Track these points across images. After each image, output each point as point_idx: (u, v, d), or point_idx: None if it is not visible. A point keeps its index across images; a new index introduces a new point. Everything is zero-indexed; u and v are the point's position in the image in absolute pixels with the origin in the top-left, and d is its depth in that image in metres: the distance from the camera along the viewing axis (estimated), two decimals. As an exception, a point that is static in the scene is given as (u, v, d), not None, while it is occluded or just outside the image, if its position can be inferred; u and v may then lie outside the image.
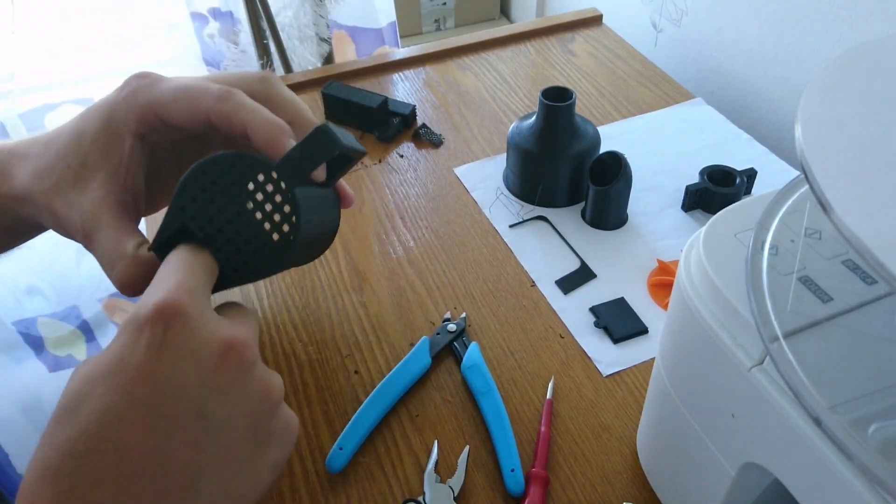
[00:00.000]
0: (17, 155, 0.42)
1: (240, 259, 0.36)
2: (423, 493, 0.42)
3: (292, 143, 0.38)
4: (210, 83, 0.38)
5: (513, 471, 0.42)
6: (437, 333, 0.51)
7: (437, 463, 0.44)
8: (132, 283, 0.37)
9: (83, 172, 0.40)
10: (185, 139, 0.43)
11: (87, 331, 1.01)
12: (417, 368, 0.49)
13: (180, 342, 0.29)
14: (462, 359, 0.49)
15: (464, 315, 0.52)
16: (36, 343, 0.98)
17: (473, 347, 0.50)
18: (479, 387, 0.47)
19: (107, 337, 1.03)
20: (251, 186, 0.35)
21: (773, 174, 0.63)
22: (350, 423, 0.45)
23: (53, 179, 0.40)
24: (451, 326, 0.51)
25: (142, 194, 0.41)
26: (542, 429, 0.45)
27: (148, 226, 0.59)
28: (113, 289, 0.99)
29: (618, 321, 0.52)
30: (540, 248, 0.59)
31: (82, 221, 0.38)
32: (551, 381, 0.48)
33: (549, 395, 0.47)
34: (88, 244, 0.39)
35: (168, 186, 0.42)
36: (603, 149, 0.60)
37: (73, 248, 0.92)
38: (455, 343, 0.51)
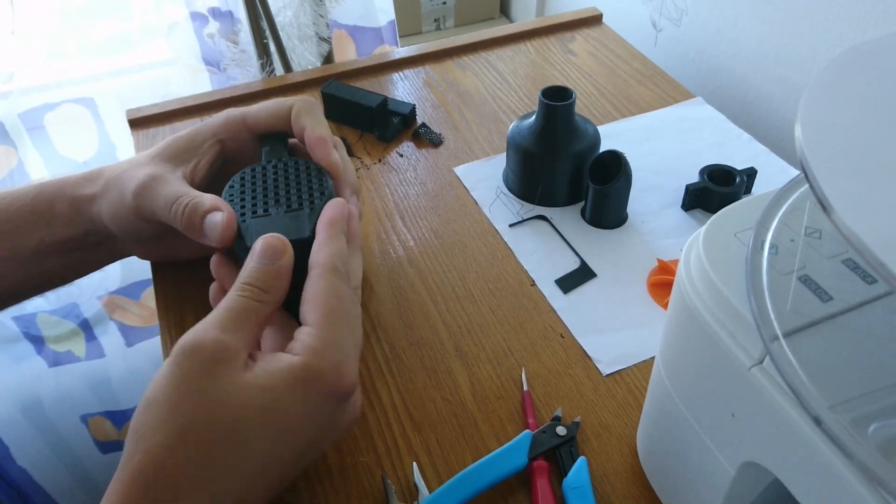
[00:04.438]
0: (111, 165, 0.50)
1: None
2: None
3: (335, 154, 0.46)
4: None
5: None
6: (543, 431, 0.44)
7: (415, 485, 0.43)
8: (189, 215, 0.43)
9: (159, 156, 0.48)
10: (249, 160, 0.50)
11: (86, 328, 1.01)
12: (510, 467, 0.42)
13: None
14: (564, 470, 0.43)
15: (577, 420, 0.45)
16: (35, 340, 0.98)
17: (581, 464, 0.42)
18: None
19: (106, 335, 1.02)
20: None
21: (773, 174, 0.63)
22: None
23: (133, 162, 0.48)
24: (561, 430, 0.44)
25: (200, 184, 0.48)
26: (530, 420, 0.45)
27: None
28: (112, 287, 1.00)
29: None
30: (540, 248, 0.59)
31: (146, 175, 0.46)
32: (522, 372, 0.49)
33: (525, 387, 0.48)
34: (142, 191, 0.45)
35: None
36: (603, 148, 0.60)
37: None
38: (560, 450, 0.44)
